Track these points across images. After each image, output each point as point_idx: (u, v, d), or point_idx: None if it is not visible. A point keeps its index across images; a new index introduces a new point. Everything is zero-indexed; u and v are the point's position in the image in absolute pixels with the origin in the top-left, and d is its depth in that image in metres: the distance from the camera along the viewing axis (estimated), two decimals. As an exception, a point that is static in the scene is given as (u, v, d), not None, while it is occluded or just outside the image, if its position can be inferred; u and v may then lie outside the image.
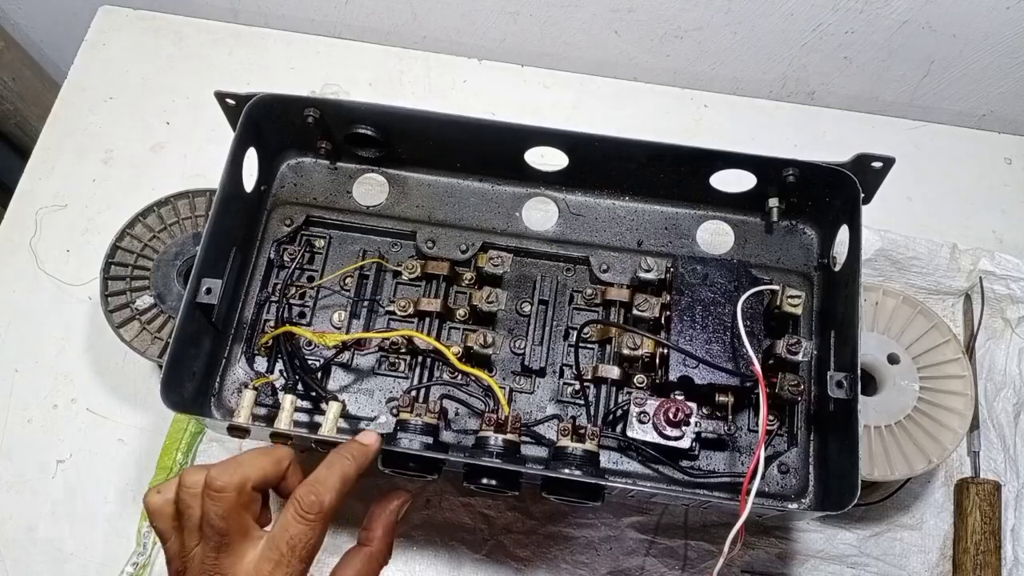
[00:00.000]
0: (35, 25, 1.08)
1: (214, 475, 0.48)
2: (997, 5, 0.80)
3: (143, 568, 0.71)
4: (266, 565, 0.47)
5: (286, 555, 0.47)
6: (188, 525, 0.49)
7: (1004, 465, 0.76)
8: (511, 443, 0.61)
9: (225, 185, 0.63)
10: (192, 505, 0.48)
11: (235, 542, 0.48)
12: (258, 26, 0.97)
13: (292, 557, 0.47)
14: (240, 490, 0.48)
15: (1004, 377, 0.78)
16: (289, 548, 0.47)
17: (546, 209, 0.72)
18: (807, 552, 0.73)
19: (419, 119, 0.67)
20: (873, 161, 0.62)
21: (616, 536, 0.73)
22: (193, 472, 0.49)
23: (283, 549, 0.47)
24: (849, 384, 0.58)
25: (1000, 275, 0.81)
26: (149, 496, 0.51)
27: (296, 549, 0.47)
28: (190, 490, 0.49)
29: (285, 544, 0.47)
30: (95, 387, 0.79)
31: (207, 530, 0.48)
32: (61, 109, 0.92)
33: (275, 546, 0.47)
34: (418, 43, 0.96)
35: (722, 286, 0.63)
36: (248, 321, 0.67)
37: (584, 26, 0.92)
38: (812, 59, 0.90)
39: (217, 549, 0.47)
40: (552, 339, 0.68)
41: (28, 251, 0.84)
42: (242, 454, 0.51)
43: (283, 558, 0.47)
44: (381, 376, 0.67)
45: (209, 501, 0.48)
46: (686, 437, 0.60)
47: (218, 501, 0.48)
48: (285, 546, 0.47)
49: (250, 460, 0.50)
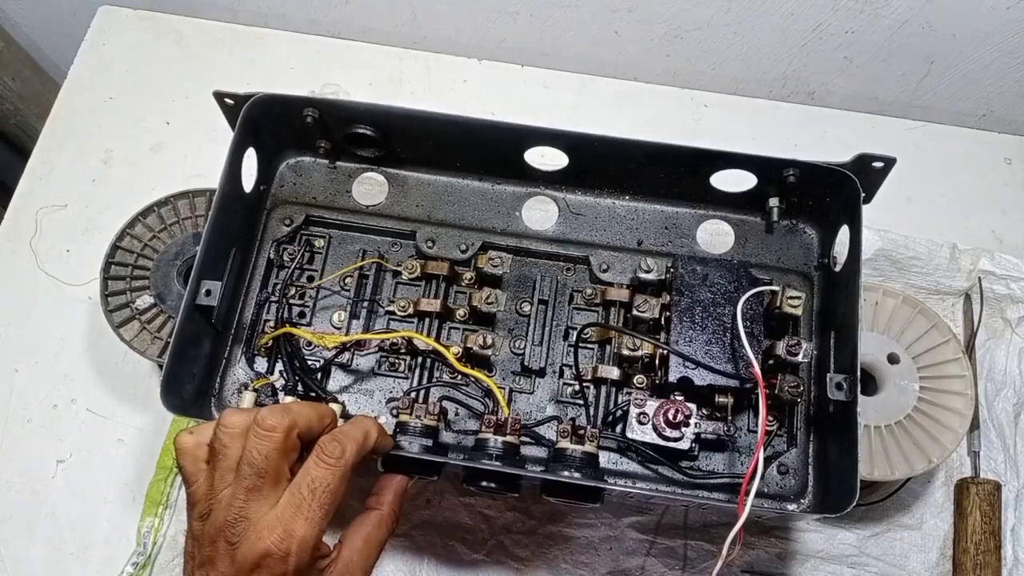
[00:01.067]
0: (35, 25, 1.08)
1: (265, 415, 0.49)
2: (997, 5, 0.80)
3: (143, 568, 0.71)
4: (288, 509, 0.48)
5: (307, 498, 0.48)
6: (222, 465, 0.49)
7: (1004, 465, 0.76)
8: (510, 445, 0.61)
9: (224, 185, 0.63)
10: (230, 445, 0.49)
11: (267, 486, 0.48)
12: (258, 26, 0.97)
13: (312, 501, 0.48)
14: (288, 433, 0.49)
15: (1004, 377, 0.78)
16: (310, 491, 0.48)
17: (546, 209, 0.72)
18: (807, 552, 0.73)
19: (419, 119, 0.67)
20: (874, 161, 0.62)
21: (616, 536, 0.73)
22: (234, 413, 0.50)
23: (304, 492, 0.48)
24: (849, 386, 0.58)
25: (1000, 275, 0.81)
26: (181, 436, 0.51)
27: (316, 492, 0.48)
28: (230, 430, 0.49)
29: (306, 487, 0.48)
30: (95, 387, 0.79)
31: (244, 469, 0.48)
32: (61, 109, 0.92)
33: (296, 490, 0.48)
34: (418, 43, 0.96)
35: (722, 287, 0.63)
36: (248, 322, 0.67)
37: (584, 26, 0.92)
38: (812, 59, 0.90)
39: (248, 491, 0.48)
40: (552, 339, 0.68)
41: (28, 251, 0.84)
42: (290, 402, 0.53)
43: (303, 501, 0.48)
44: (381, 377, 0.67)
45: (255, 439, 0.48)
46: (686, 438, 0.60)
47: (265, 440, 0.48)
48: (306, 488, 0.48)
49: (299, 408, 0.51)
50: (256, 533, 0.47)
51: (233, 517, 0.47)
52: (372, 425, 0.54)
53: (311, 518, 0.48)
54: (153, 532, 0.72)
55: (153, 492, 0.73)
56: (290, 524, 0.47)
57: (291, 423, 0.49)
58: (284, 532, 0.47)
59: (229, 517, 0.47)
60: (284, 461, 0.49)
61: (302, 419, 0.50)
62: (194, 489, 0.50)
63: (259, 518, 0.47)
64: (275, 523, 0.47)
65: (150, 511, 0.73)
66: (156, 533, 0.72)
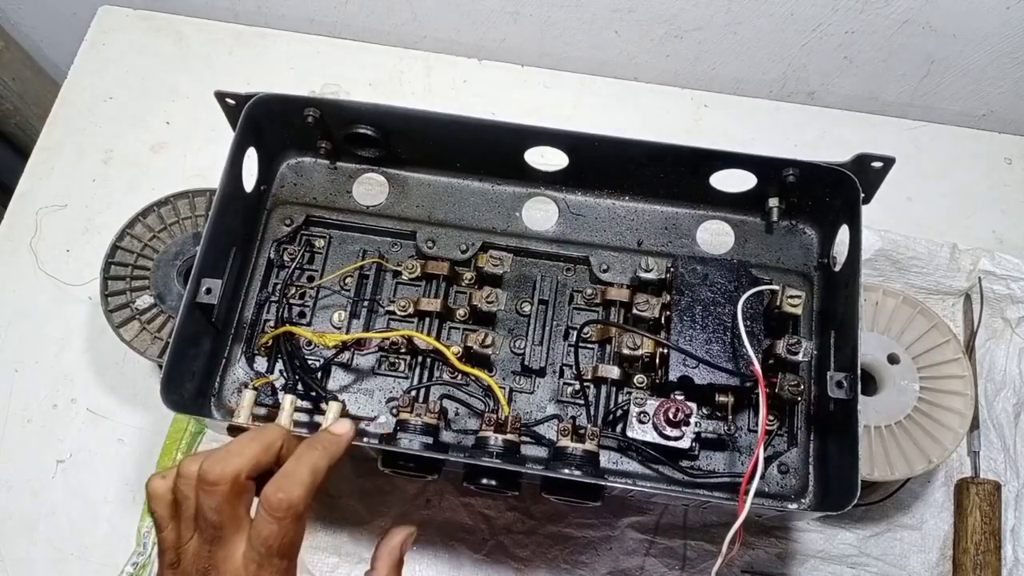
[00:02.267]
0: (35, 25, 1.08)
1: (207, 467, 0.47)
2: (997, 5, 0.80)
3: (143, 568, 0.71)
4: (251, 565, 0.47)
5: (265, 555, 0.46)
6: (185, 515, 0.48)
7: (1004, 465, 0.76)
8: (511, 443, 0.61)
9: (225, 185, 0.63)
10: (189, 496, 0.48)
11: (228, 535, 0.47)
12: (258, 26, 0.97)
13: (270, 556, 0.47)
14: (234, 482, 0.47)
15: (1004, 377, 0.78)
16: (266, 548, 0.46)
17: (546, 209, 0.72)
18: (807, 552, 0.73)
19: (419, 119, 0.67)
20: (873, 161, 0.62)
21: (616, 536, 0.73)
22: (191, 461, 0.48)
23: (261, 550, 0.46)
24: (849, 384, 0.58)
25: (1000, 275, 0.81)
26: (152, 481, 0.50)
27: (273, 548, 0.47)
28: (187, 480, 0.48)
29: (262, 545, 0.46)
30: (95, 387, 0.79)
31: (201, 523, 0.47)
32: (61, 109, 0.92)
33: (253, 547, 0.47)
34: (418, 43, 0.96)
35: (722, 286, 0.63)
36: (248, 321, 0.67)
37: (584, 26, 0.92)
38: (812, 59, 0.90)
39: (211, 542, 0.47)
40: (552, 339, 0.68)
41: (28, 251, 0.84)
42: (233, 442, 0.50)
43: (263, 558, 0.46)
44: (381, 376, 0.67)
45: (203, 494, 0.47)
46: (686, 437, 0.60)
47: (212, 494, 0.47)
48: (262, 547, 0.46)
49: (241, 449, 0.49)
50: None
51: (202, 568, 0.47)
52: (320, 455, 0.50)
53: (277, 569, 0.47)
54: (153, 532, 0.72)
55: (153, 492, 0.73)
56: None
57: (235, 471, 0.47)
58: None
59: (199, 567, 0.47)
60: (239, 506, 0.48)
61: (246, 461, 0.48)
62: (163, 536, 0.49)
63: (226, 569, 0.47)
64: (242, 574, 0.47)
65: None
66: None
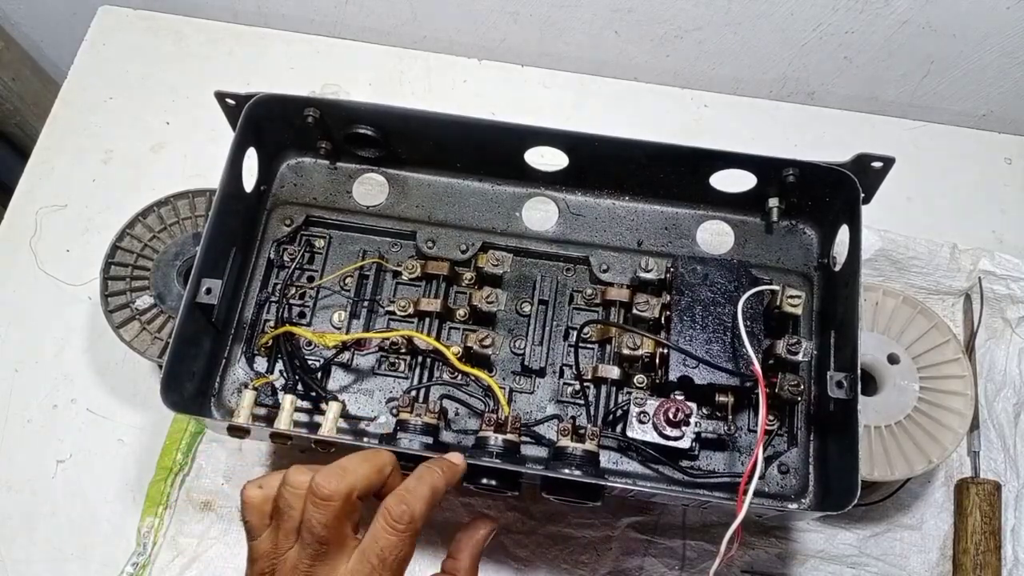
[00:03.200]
0: (35, 25, 1.08)
1: (321, 482, 0.46)
2: (997, 5, 0.80)
3: (143, 568, 0.71)
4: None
5: (377, 567, 0.46)
6: (285, 526, 0.47)
7: (1004, 465, 0.76)
8: (511, 443, 0.61)
9: (225, 185, 0.63)
10: (294, 506, 0.47)
11: (333, 552, 0.46)
12: (258, 26, 0.97)
13: (383, 569, 0.46)
14: (346, 499, 0.47)
15: (1004, 377, 0.78)
16: (380, 560, 0.46)
17: (546, 209, 0.72)
18: (807, 552, 0.73)
19: (419, 119, 0.67)
20: (873, 161, 0.62)
21: (616, 536, 0.73)
22: (299, 472, 0.47)
23: (374, 561, 0.46)
24: (849, 384, 0.58)
25: (1000, 275, 0.81)
26: (249, 489, 0.49)
27: (387, 561, 0.46)
28: (295, 491, 0.47)
29: (376, 556, 0.46)
30: (95, 387, 0.79)
31: (306, 536, 0.46)
32: (61, 109, 0.92)
33: (366, 558, 0.46)
34: (418, 43, 0.96)
35: (722, 286, 0.63)
36: (248, 321, 0.67)
37: (584, 26, 0.92)
38: (812, 59, 0.90)
39: (313, 557, 0.46)
40: (552, 339, 0.68)
41: (28, 251, 0.84)
42: (347, 459, 0.49)
43: (374, 570, 0.46)
44: (381, 376, 0.67)
45: (313, 508, 0.46)
46: (686, 437, 0.60)
47: (323, 509, 0.46)
48: (376, 558, 0.46)
49: (356, 467, 0.48)
50: None
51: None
52: (439, 478, 0.51)
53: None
54: (153, 532, 0.72)
55: (153, 492, 0.73)
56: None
57: (348, 488, 0.47)
58: None
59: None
60: (346, 524, 0.47)
61: (360, 480, 0.48)
62: (256, 544, 0.49)
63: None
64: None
65: (150, 511, 0.73)
66: (156, 533, 0.72)
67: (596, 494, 0.58)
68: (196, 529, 0.73)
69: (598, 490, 0.58)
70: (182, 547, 0.72)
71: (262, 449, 0.75)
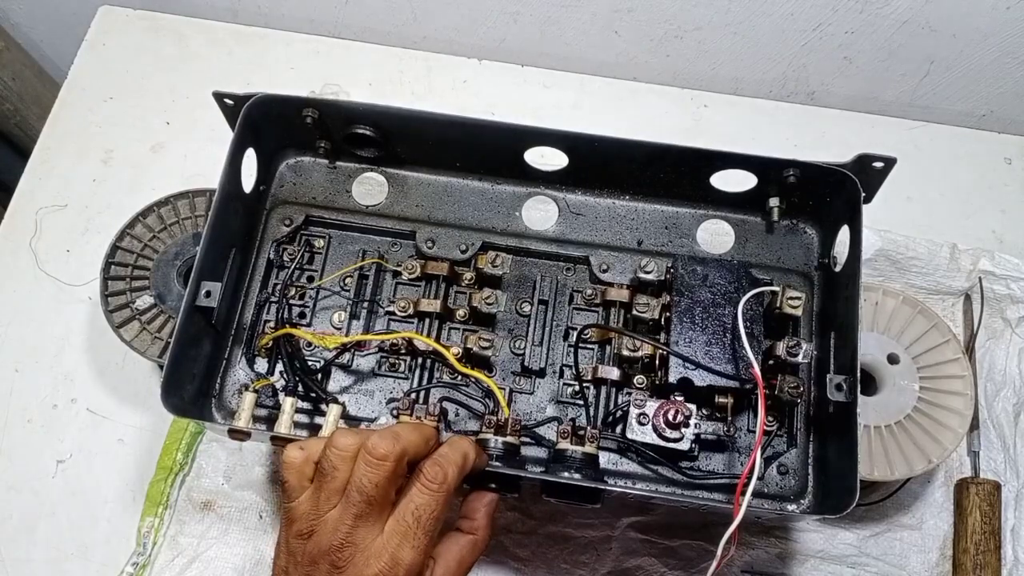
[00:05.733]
0: (35, 25, 1.08)
1: (375, 443, 0.48)
2: (997, 5, 0.80)
3: (143, 568, 0.71)
4: (394, 537, 0.48)
5: (411, 526, 0.48)
6: (329, 486, 0.49)
7: (1004, 465, 0.76)
8: (511, 445, 0.61)
9: (224, 185, 0.63)
10: (340, 467, 0.48)
11: (375, 512, 0.48)
12: (258, 26, 0.97)
13: (417, 529, 0.48)
14: (398, 460, 0.49)
15: (1004, 377, 0.78)
16: (415, 519, 0.48)
17: (546, 209, 0.72)
18: (807, 552, 0.73)
19: (418, 119, 0.67)
20: (874, 161, 0.62)
21: (616, 536, 0.73)
22: (346, 435, 0.49)
23: (408, 520, 0.48)
24: (848, 387, 0.58)
25: (1000, 275, 0.81)
26: (290, 450, 0.51)
27: (421, 520, 0.48)
28: (342, 452, 0.49)
29: (411, 515, 0.48)
30: (95, 387, 0.79)
31: (353, 495, 0.48)
32: (61, 109, 0.92)
33: (401, 518, 0.48)
34: (418, 43, 0.96)
35: (722, 287, 0.63)
36: (248, 322, 0.67)
37: (584, 26, 0.92)
38: (812, 59, 0.90)
39: (356, 517, 0.48)
40: (552, 339, 0.68)
41: (28, 251, 0.84)
42: (399, 426, 0.53)
43: (409, 529, 0.48)
44: (381, 377, 0.67)
45: (366, 467, 0.48)
46: (685, 439, 0.60)
47: (376, 468, 0.48)
48: (411, 516, 0.48)
49: (407, 434, 0.51)
50: (364, 560, 0.47)
51: (340, 541, 0.48)
52: (469, 446, 0.53)
53: (417, 546, 0.48)
54: (153, 532, 0.72)
55: (153, 492, 0.73)
56: (397, 552, 0.48)
57: (402, 451, 0.49)
58: (392, 560, 0.48)
59: (335, 541, 0.48)
60: (392, 488, 0.49)
61: (411, 445, 0.50)
62: (294, 505, 0.50)
63: (367, 545, 0.48)
64: (382, 551, 0.48)
65: (150, 511, 0.73)
66: (156, 533, 0.72)
67: (596, 496, 0.59)
68: (196, 529, 0.73)
69: (598, 492, 0.58)
70: (182, 547, 0.72)
71: (262, 449, 0.75)
